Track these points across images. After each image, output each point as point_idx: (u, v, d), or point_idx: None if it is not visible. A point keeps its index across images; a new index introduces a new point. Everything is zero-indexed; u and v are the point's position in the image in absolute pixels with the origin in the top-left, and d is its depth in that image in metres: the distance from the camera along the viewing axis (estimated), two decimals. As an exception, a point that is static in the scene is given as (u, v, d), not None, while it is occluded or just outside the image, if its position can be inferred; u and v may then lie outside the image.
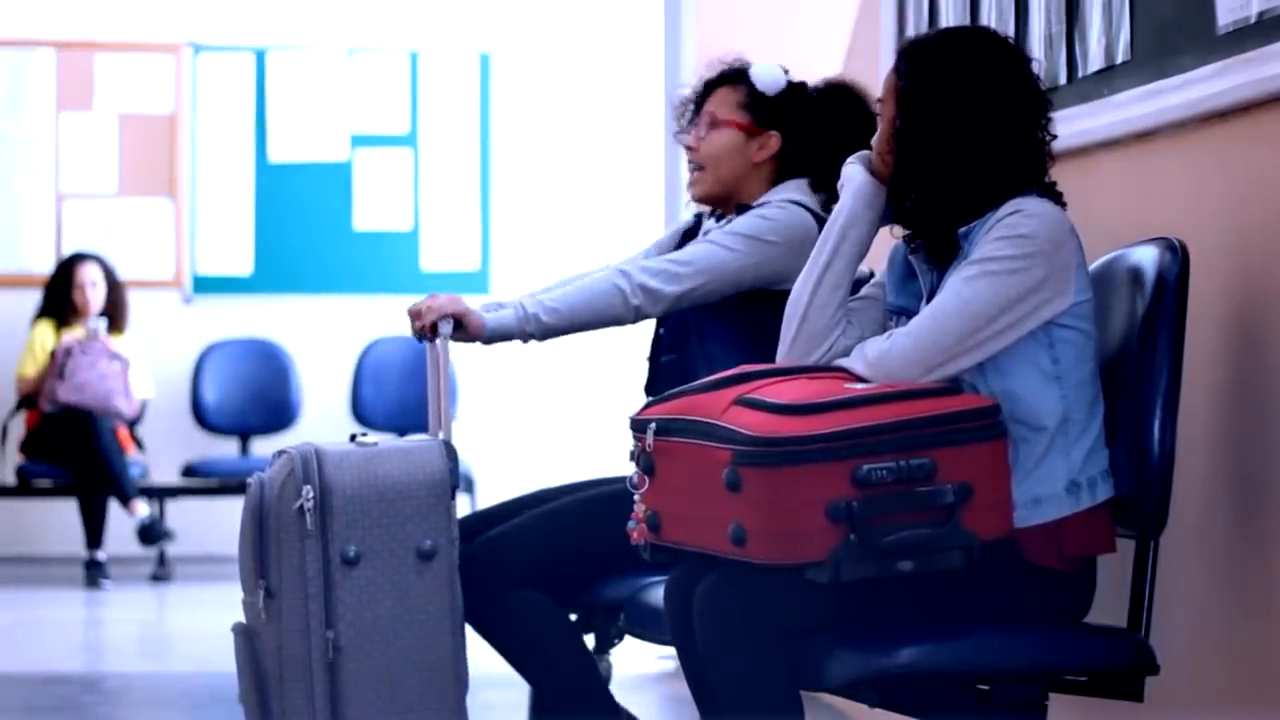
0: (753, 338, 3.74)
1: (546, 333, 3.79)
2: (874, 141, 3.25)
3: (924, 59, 3.18)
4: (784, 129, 3.93)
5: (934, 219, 3.16)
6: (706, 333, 3.85)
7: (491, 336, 3.79)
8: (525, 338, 3.79)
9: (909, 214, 3.20)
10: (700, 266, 3.80)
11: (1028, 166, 3.17)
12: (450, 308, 3.78)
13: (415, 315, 3.83)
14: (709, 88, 3.98)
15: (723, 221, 3.96)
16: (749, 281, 3.81)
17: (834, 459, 2.92)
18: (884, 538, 2.93)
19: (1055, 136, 3.21)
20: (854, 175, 3.26)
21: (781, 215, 3.83)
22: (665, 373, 3.88)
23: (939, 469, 2.95)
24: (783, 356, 3.26)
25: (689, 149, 3.96)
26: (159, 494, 9.26)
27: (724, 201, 3.97)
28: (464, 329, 3.79)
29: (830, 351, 3.22)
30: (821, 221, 3.74)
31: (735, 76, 3.96)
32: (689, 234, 4.07)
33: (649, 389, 3.94)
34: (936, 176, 3.14)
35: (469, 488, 9.28)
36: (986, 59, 3.17)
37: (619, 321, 3.82)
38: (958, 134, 3.13)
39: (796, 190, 3.91)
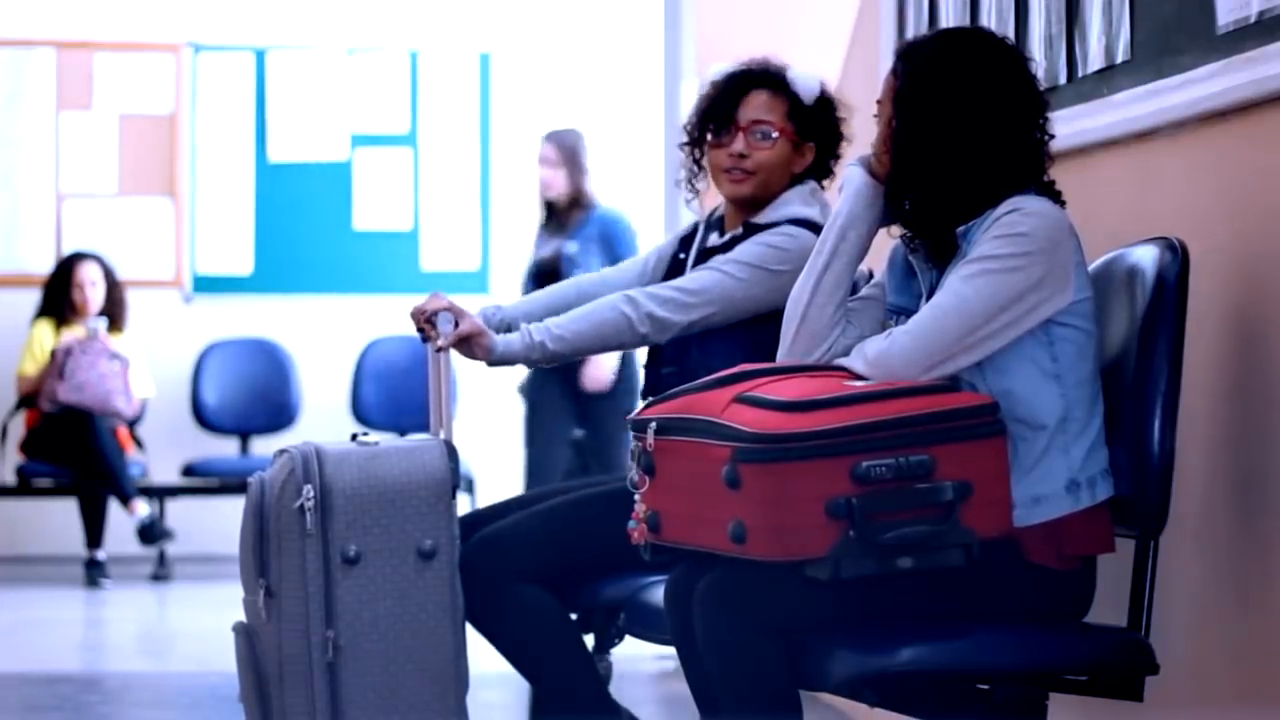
0: (753, 349, 3.73)
1: (552, 359, 3.80)
2: (872, 143, 3.25)
3: (920, 60, 3.18)
4: (818, 141, 3.93)
5: (932, 218, 3.17)
6: (707, 345, 3.85)
7: (498, 360, 3.78)
8: (531, 364, 3.80)
9: (907, 214, 3.21)
10: (709, 297, 3.80)
11: (1026, 166, 3.17)
12: (464, 325, 3.77)
13: (419, 313, 3.83)
14: (744, 88, 3.94)
15: (725, 237, 3.95)
16: (755, 309, 3.82)
17: (833, 455, 2.93)
18: (884, 534, 2.93)
19: (1053, 136, 3.22)
20: (853, 177, 3.27)
21: (790, 244, 3.82)
22: (666, 384, 3.88)
23: (938, 466, 2.95)
24: (783, 356, 3.26)
25: (740, 155, 3.91)
26: (159, 494, 9.26)
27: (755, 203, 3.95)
28: (470, 346, 3.78)
29: (830, 351, 3.23)
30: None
31: (777, 82, 3.94)
32: (686, 240, 4.07)
33: (647, 397, 3.94)
34: (934, 176, 3.15)
35: (469, 488, 9.28)
36: (983, 59, 3.17)
37: (624, 347, 3.86)
38: (954, 134, 3.13)
39: (801, 201, 3.89)
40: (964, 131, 3.13)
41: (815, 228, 3.83)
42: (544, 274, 7.50)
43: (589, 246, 7.67)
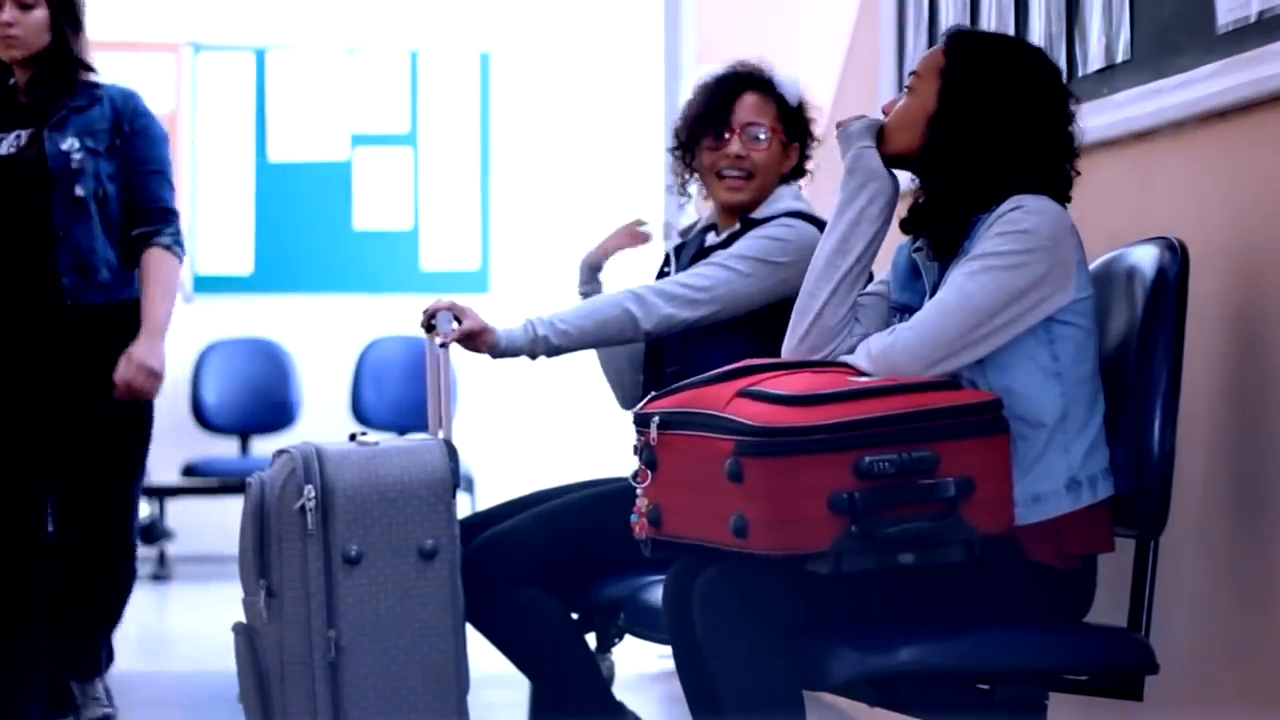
0: (756, 343, 3.74)
1: (555, 353, 3.82)
2: (897, 113, 3.23)
3: (984, 54, 3.17)
4: (801, 141, 3.97)
5: (950, 205, 3.16)
6: (709, 340, 3.86)
7: (502, 353, 3.80)
8: (534, 355, 3.81)
9: (921, 205, 3.21)
10: (716, 293, 3.83)
11: (1054, 180, 3.18)
12: (467, 323, 3.78)
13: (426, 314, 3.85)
14: (736, 91, 3.97)
15: (723, 235, 3.97)
16: (761, 302, 3.84)
17: (836, 450, 2.93)
18: (885, 530, 2.93)
19: (1078, 154, 3.21)
20: (868, 161, 3.24)
21: (790, 234, 3.85)
22: (669, 384, 3.89)
23: (940, 462, 2.95)
24: (789, 351, 3.27)
25: (738, 157, 3.94)
26: (159, 494, 9.25)
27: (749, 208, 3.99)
28: (474, 342, 3.80)
29: (837, 349, 3.23)
30: (822, 226, 3.76)
31: (765, 84, 3.97)
32: (680, 250, 4.09)
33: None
34: (970, 167, 3.14)
35: (469, 487, 9.28)
36: (1040, 73, 3.18)
37: (629, 342, 3.88)
38: (1007, 130, 3.13)
39: (792, 197, 3.95)
40: (1016, 131, 3.13)
41: (810, 219, 3.87)
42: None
43: (97, 141, 4.86)
